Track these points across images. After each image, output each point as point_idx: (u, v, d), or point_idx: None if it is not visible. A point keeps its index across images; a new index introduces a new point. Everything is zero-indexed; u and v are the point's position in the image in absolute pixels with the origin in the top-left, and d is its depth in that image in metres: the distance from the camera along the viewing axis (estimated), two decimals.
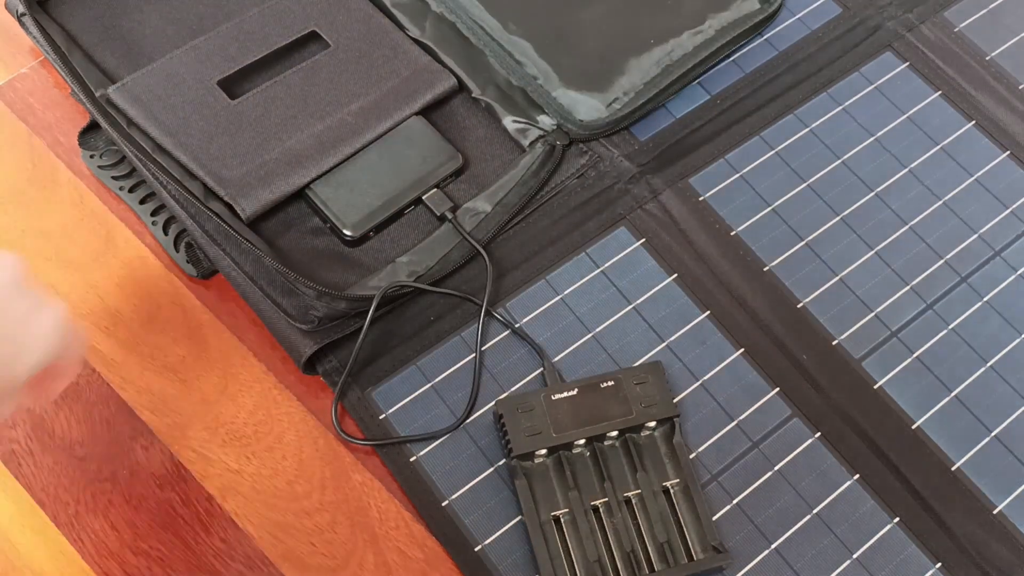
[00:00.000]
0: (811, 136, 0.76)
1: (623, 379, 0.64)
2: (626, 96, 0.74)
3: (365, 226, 0.69)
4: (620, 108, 0.73)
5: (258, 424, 0.65)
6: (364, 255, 0.69)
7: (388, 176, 0.70)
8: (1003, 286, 0.71)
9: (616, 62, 0.75)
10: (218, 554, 0.62)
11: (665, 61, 0.75)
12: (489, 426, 0.65)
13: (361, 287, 0.66)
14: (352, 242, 0.69)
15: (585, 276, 0.70)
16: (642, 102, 0.74)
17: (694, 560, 0.61)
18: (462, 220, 0.69)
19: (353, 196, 0.69)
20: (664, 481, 0.63)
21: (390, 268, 0.67)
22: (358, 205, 0.69)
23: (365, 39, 0.75)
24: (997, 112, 0.77)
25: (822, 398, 0.67)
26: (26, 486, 0.63)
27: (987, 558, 0.63)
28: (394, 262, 0.68)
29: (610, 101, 0.73)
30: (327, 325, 0.65)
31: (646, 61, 0.75)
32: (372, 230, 0.69)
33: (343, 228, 0.68)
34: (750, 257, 0.71)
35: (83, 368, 0.66)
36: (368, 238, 0.70)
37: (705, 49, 0.76)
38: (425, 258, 0.68)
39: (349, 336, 0.66)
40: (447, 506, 0.62)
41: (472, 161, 0.73)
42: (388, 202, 0.69)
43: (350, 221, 0.68)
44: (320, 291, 0.63)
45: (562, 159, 0.73)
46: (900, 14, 0.81)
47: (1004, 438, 0.66)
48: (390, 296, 0.66)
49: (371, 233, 0.69)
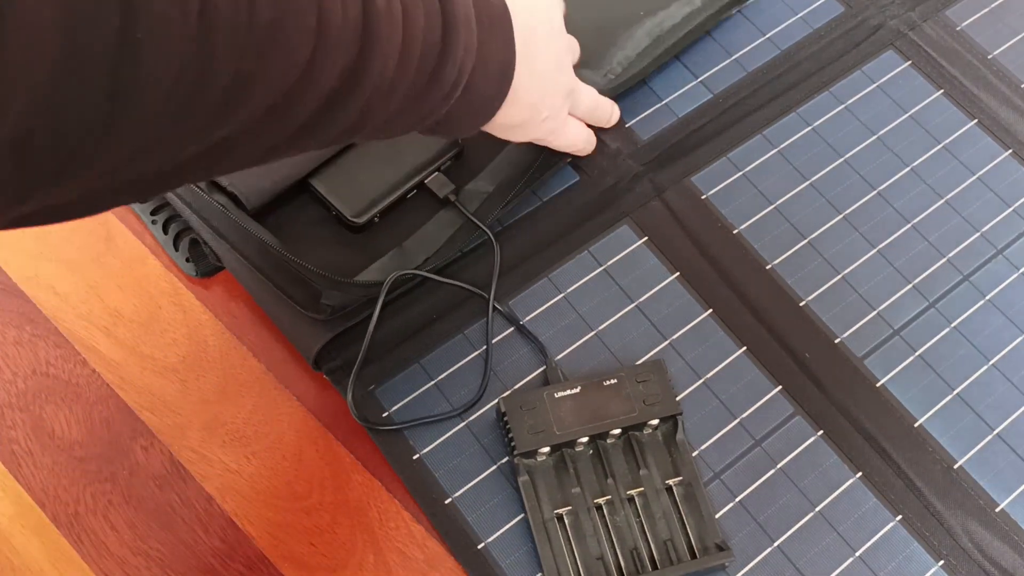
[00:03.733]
0: (813, 135, 0.76)
1: (626, 377, 0.64)
2: (619, 66, 0.74)
3: (369, 211, 0.68)
4: (614, 79, 0.74)
5: (258, 424, 0.65)
6: (369, 241, 0.69)
7: (390, 162, 0.70)
8: (1005, 285, 0.71)
9: (609, 35, 0.76)
10: (218, 554, 0.61)
11: (656, 31, 0.76)
12: (492, 424, 0.64)
13: (369, 273, 0.66)
14: (357, 228, 0.69)
15: (587, 274, 0.70)
16: (634, 72, 0.74)
17: (697, 558, 0.60)
18: (465, 202, 0.69)
19: (356, 183, 0.69)
20: (667, 479, 0.63)
21: (396, 252, 0.67)
22: (362, 191, 0.69)
23: None
24: (999, 111, 0.77)
25: (824, 396, 0.66)
26: (26, 486, 0.63)
27: (989, 556, 0.62)
28: (400, 246, 0.68)
29: (604, 72, 0.74)
30: (338, 314, 0.65)
31: (638, 32, 0.75)
32: (376, 216, 0.69)
33: (348, 215, 0.68)
34: (752, 255, 0.71)
35: (87, 366, 0.66)
36: (373, 224, 0.69)
37: (694, 19, 0.76)
38: (431, 241, 0.68)
39: (356, 336, 0.65)
40: (450, 504, 0.62)
41: (471, 144, 0.72)
42: (391, 187, 0.69)
43: (354, 208, 0.68)
44: (332, 278, 0.63)
45: None
46: (902, 13, 0.81)
47: (1006, 436, 0.66)
48: (399, 282, 0.66)
49: (376, 219, 0.69)
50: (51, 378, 0.66)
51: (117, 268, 0.69)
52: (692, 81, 0.77)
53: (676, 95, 0.77)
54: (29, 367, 0.66)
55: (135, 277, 0.69)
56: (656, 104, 0.76)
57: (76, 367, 0.66)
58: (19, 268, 0.69)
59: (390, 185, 0.69)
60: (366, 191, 0.69)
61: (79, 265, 0.69)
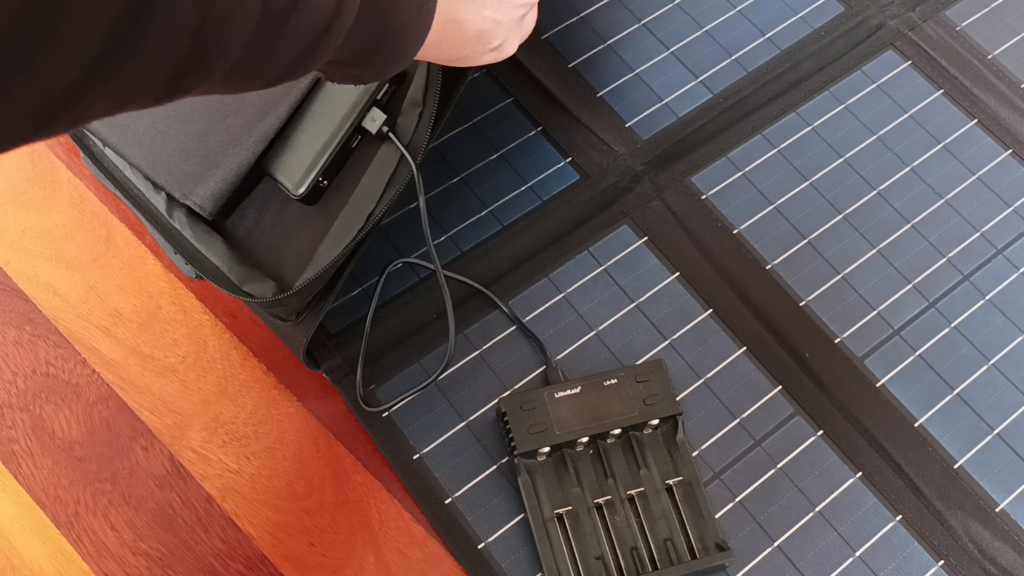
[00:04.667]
0: (813, 134, 0.76)
1: (626, 377, 0.64)
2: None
3: (308, 178, 0.63)
4: None
5: (258, 424, 0.65)
6: (327, 207, 0.64)
7: (326, 120, 0.64)
8: (1005, 284, 0.71)
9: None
10: (218, 554, 0.61)
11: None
12: (492, 424, 0.64)
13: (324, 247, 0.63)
14: (307, 199, 0.64)
15: (588, 274, 0.70)
16: None
17: (697, 558, 0.60)
18: (406, 129, 0.63)
19: (296, 153, 0.64)
20: (667, 479, 0.63)
21: (346, 212, 0.63)
22: (300, 160, 0.64)
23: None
24: (999, 111, 0.77)
25: (824, 396, 0.66)
26: (26, 486, 0.63)
27: (989, 556, 0.62)
28: (348, 203, 0.63)
29: None
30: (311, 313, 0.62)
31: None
32: (320, 179, 0.64)
33: (290, 189, 0.64)
34: (752, 255, 0.71)
35: (87, 366, 0.66)
36: (322, 189, 0.64)
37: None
38: (373, 187, 0.63)
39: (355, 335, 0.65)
40: (450, 504, 0.62)
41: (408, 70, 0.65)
42: (325, 144, 0.64)
43: (294, 179, 0.64)
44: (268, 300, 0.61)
45: None
46: (902, 13, 0.81)
47: (1006, 436, 0.66)
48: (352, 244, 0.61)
49: (322, 182, 0.64)
50: (51, 378, 0.66)
51: (117, 268, 0.69)
52: (692, 81, 0.77)
53: (676, 95, 0.77)
54: (29, 367, 0.66)
55: (135, 277, 0.69)
56: (656, 104, 0.76)
57: (76, 367, 0.66)
58: (19, 268, 0.69)
59: (323, 142, 0.64)
60: (305, 158, 0.64)
61: (79, 265, 0.69)
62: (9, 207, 0.71)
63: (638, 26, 0.80)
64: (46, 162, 0.72)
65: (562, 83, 0.77)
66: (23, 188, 0.72)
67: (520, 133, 0.75)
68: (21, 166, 0.72)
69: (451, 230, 0.71)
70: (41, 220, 0.71)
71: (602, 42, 0.79)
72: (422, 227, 0.63)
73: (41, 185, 0.72)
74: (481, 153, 0.74)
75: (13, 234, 0.70)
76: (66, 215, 0.71)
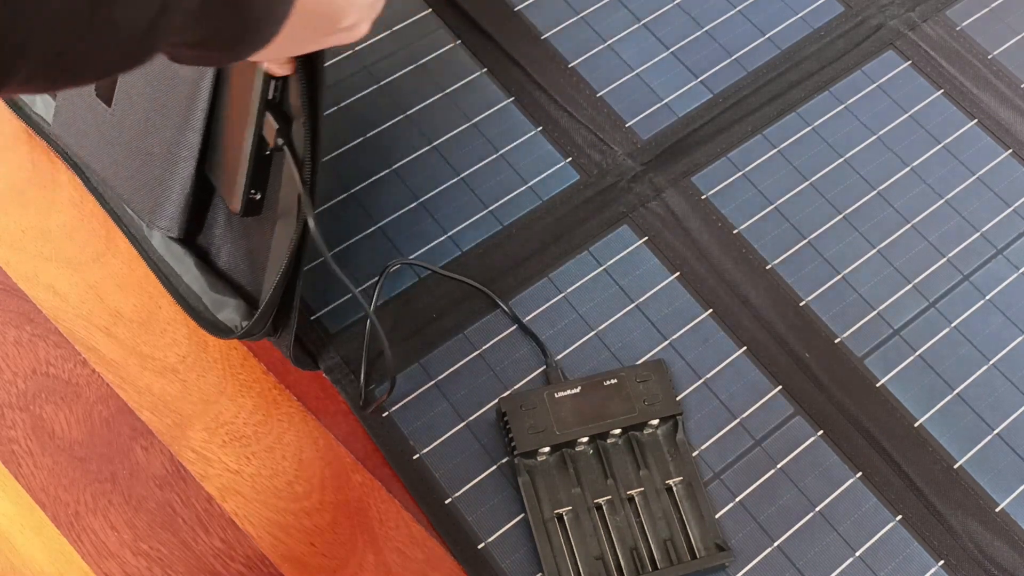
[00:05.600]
0: (813, 134, 0.76)
1: (626, 377, 0.64)
2: None
3: (238, 195, 0.59)
4: None
5: (258, 424, 0.65)
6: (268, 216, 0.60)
7: (236, 129, 0.58)
8: (1005, 284, 0.71)
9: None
10: (218, 554, 0.61)
11: None
12: (492, 424, 0.64)
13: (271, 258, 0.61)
14: (247, 212, 0.60)
15: (588, 274, 0.70)
16: None
17: (697, 558, 0.60)
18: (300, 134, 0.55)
19: (224, 167, 0.59)
20: (667, 479, 0.63)
21: (281, 222, 0.59)
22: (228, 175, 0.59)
23: None
24: (999, 111, 0.77)
25: (824, 396, 0.66)
26: (26, 486, 0.63)
27: (989, 556, 0.62)
28: (278, 213, 0.59)
29: None
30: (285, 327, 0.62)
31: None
32: (251, 192, 0.59)
33: (230, 207, 0.60)
34: (752, 255, 0.71)
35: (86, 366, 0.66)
36: (256, 202, 0.60)
37: None
38: (289, 192, 0.58)
39: (355, 335, 0.66)
40: (450, 504, 0.62)
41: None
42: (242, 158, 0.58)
43: (229, 198, 0.60)
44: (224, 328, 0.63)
45: None
46: (902, 13, 0.81)
47: (1006, 436, 0.66)
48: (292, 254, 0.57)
49: (254, 194, 0.59)
50: (51, 378, 0.66)
51: (117, 268, 0.69)
52: (692, 81, 0.77)
53: (676, 95, 0.77)
54: (29, 367, 0.66)
55: (135, 277, 0.69)
56: (656, 104, 0.76)
57: (76, 367, 0.66)
58: (19, 268, 0.69)
59: (241, 155, 0.58)
60: (231, 172, 0.59)
61: (79, 265, 0.69)
62: (9, 207, 0.71)
63: (638, 26, 0.80)
64: (46, 162, 0.72)
65: (562, 83, 0.77)
66: (23, 188, 0.71)
67: (520, 133, 0.75)
68: (21, 166, 0.72)
69: (451, 230, 0.71)
70: (41, 220, 0.71)
71: (602, 42, 0.79)
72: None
73: (41, 185, 0.72)
74: (481, 153, 0.74)
75: (13, 234, 0.70)
76: (66, 215, 0.71)
